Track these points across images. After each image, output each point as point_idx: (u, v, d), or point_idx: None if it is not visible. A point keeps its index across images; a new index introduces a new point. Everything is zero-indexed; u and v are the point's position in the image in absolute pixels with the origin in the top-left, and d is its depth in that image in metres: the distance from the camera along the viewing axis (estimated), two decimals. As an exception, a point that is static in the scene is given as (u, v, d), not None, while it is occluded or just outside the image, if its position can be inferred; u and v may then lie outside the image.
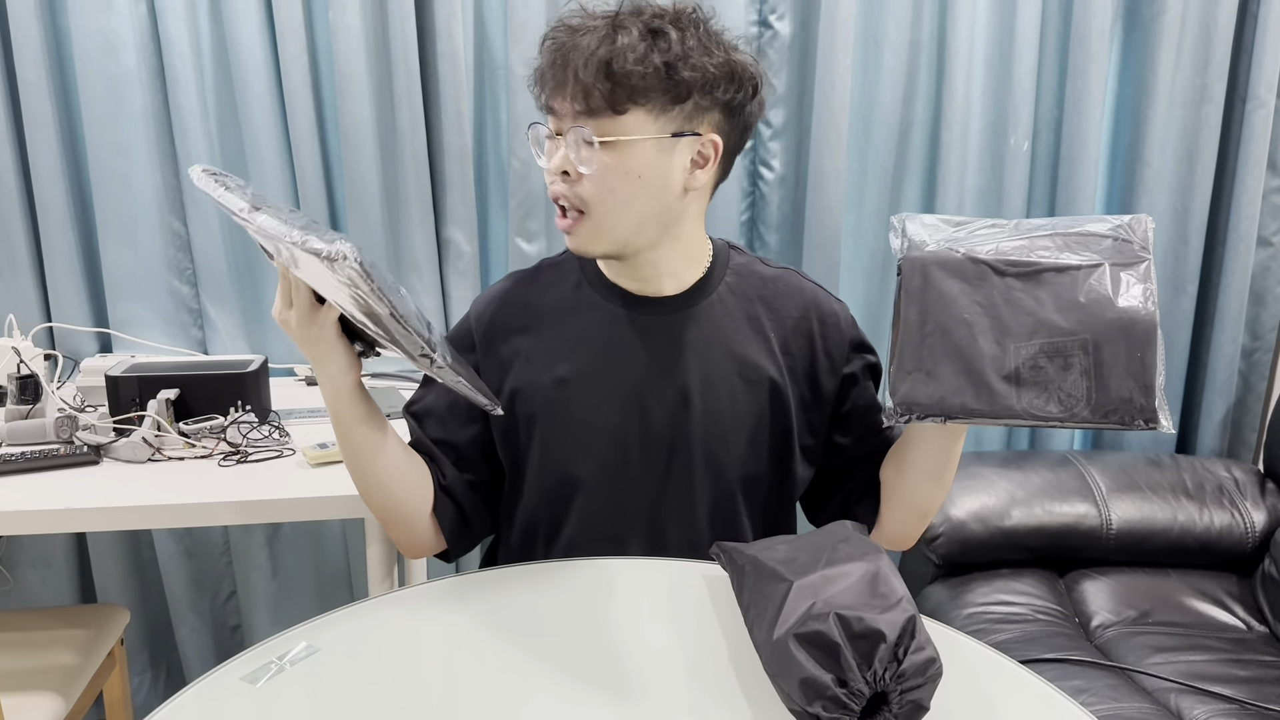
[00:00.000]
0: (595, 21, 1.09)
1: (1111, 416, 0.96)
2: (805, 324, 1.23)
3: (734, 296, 1.22)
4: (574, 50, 1.07)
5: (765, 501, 1.26)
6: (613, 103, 1.07)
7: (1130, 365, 0.96)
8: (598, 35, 1.07)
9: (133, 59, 1.87)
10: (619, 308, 1.20)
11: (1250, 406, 2.22)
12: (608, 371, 1.19)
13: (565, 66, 1.08)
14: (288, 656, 0.92)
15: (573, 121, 1.09)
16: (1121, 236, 1.02)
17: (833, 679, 0.76)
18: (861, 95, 2.04)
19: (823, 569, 0.87)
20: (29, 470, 1.46)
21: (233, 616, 2.19)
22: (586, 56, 1.06)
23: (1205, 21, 2.00)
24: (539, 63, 1.12)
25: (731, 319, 1.21)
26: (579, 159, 1.09)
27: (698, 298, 1.21)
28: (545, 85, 1.11)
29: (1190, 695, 1.56)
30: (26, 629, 1.63)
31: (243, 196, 0.97)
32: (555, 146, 1.12)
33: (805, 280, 1.27)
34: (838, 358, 1.24)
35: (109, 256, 1.95)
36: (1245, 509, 1.97)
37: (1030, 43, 2.00)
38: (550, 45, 1.10)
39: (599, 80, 1.06)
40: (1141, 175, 2.08)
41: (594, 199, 1.11)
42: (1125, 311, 0.96)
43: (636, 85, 1.06)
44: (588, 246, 1.15)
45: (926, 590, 1.94)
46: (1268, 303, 2.18)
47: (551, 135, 1.13)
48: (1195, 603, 1.87)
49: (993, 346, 0.98)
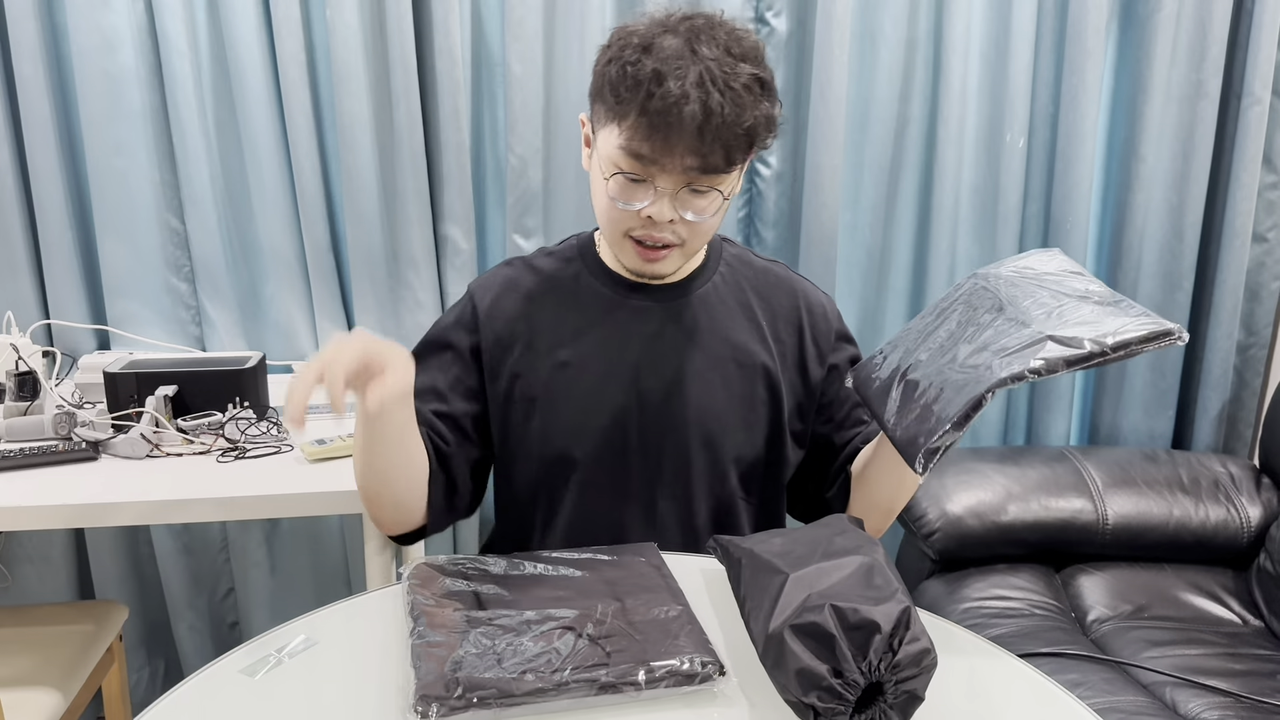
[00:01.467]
0: (688, 67, 1.04)
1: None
2: (795, 314, 1.27)
3: (728, 285, 1.26)
4: (692, 114, 1.03)
5: (759, 484, 1.28)
6: (735, 162, 1.10)
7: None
8: (711, 93, 1.04)
9: (130, 56, 1.87)
10: (618, 294, 1.23)
11: (1246, 402, 2.23)
12: (607, 355, 1.21)
13: (683, 127, 1.04)
14: (286, 649, 0.92)
15: (684, 176, 1.09)
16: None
17: (828, 670, 0.77)
18: (858, 92, 2.05)
19: (818, 561, 0.87)
20: (27, 466, 1.46)
21: (231, 613, 2.19)
22: (720, 123, 1.04)
23: (1201, 18, 2.01)
24: (632, 108, 1.06)
25: (726, 306, 1.25)
26: (694, 212, 1.12)
27: (694, 286, 1.25)
28: (648, 140, 1.06)
29: (1186, 689, 1.56)
30: (25, 625, 1.63)
31: None
32: (643, 191, 1.11)
33: (793, 273, 1.32)
34: (824, 347, 1.28)
35: (107, 254, 1.95)
36: (1241, 504, 1.98)
37: (1026, 39, 2.00)
38: (652, 98, 1.05)
39: (728, 145, 1.07)
40: (1137, 171, 2.09)
41: (694, 237, 1.15)
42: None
43: (761, 143, 1.11)
44: (668, 270, 1.19)
45: (923, 585, 1.94)
46: (1263, 298, 2.18)
47: (640, 180, 1.10)
48: (1191, 597, 1.87)
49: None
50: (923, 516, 1.93)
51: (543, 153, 1.98)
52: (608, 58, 1.12)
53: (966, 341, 1.00)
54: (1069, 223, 2.08)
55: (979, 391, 0.91)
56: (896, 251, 2.13)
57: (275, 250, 1.98)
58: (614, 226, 1.16)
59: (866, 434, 1.28)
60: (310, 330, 2.04)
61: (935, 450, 0.93)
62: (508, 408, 1.23)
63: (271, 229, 1.97)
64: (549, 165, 2.00)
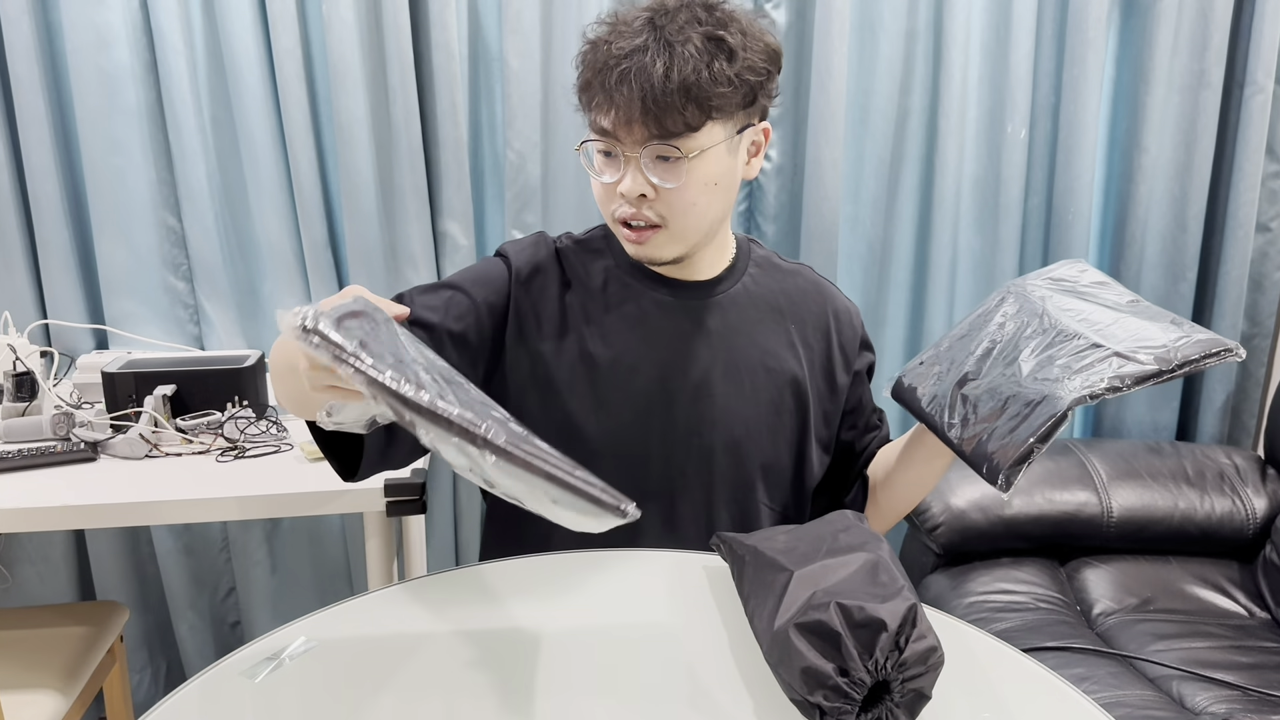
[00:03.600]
0: (639, 34, 1.05)
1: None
2: (823, 319, 1.25)
3: (757, 287, 1.24)
4: (638, 73, 1.03)
5: (785, 492, 1.26)
6: (691, 123, 1.05)
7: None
8: (656, 53, 1.03)
9: (125, 53, 1.86)
10: (648, 289, 1.20)
11: (1250, 393, 2.22)
12: (634, 351, 1.18)
13: (630, 91, 1.03)
14: (287, 651, 0.91)
15: (640, 144, 1.07)
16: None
17: (834, 668, 0.76)
18: (858, 84, 2.04)
19: (823, 558, 0.86)
20: (26, 468, 1.46)
21: (232, 613, 2.18)
22: (657, 80, 1.03)
23: (1203, 7, 2.00)
24: (587, 82, 1.08)
25: (756, 309, 1.23)
26: (660, 179, 1.08)
27: (724, 286, 1.22)
28: (603, 109, 1.07)
29: (1192, 682, 1.56)
30: (26, 626, 1.63)
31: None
32: (616, 165, 1.09)
33: (820, 277, 1.30)
34: (850, 354, 1.27)
35: (104, 253, 1.94)
36: (1246, 495, 1.97)
37: (1027, 29, 1.99)
38: (600, 66, 1.06)
39: (675, 103, 1.04)
40: (1139, 162, 2.08)
41: (673, 214, 1.10)
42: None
43: (715, 103, 1.06)
44: (658, 254, 1.14)
45: (927, 579, 1.94)
46: (1266, 288, 2.17)
47: (609, 154, 1.10)
48: (1196, 590, 1.86)
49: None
50: (926, 511, 1.92)
51: (541, 147, 1.97)
52: (585, 43, 1.13)
53: (1027, 357, 1.01)
54: (1071, 214, 2.07)
55: (1060, 409, 0.93)
56: (898, 244, 2.12)
57: (273, 248, 1.97)
58: (604, 210, 1.14)
59: (882, 437, 1.30)
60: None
61: (1020, 465, 0.95)
62: (524, 388, 1.19)
63: (269, 226, 1.96)
64: (547, 160, 1.99)
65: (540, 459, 0.71)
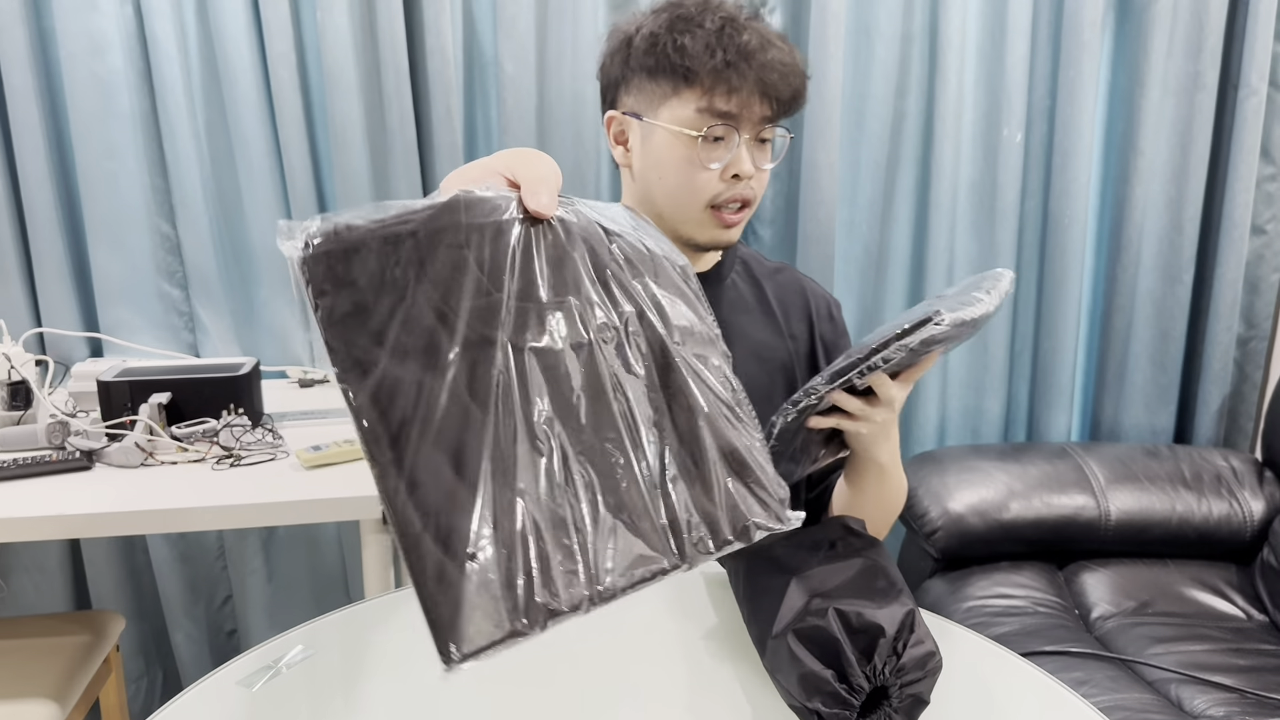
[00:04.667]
0: (740, 28, 1.11)
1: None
2: (806, 310, 1.29)
3: (745, 282, 1.28)
4: (770, 57, 1.09)
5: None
6: (799, 101, 1.14)
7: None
8: (770, 40, 1.11)
9: (119, 60, 1.85)
10: None
11: (1247, 395, 2.22)
12: None
13: (770, 76, 1.09)
14: (284, 660, 0.91)
15: (757, 125, 1.12)
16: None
17: (832, 674, 0.75)
18: (854, 88, 2.04)
19: (820, 564, 0.86)
20: (21, 477, 1.45)
21: (229, 621, 2.18)
22: (788, 62, 1.10)
23: (1197, 10, 2.00)
24: (711, 68, 1.09)
25: (745, 301, 1.26)
26: (762, 159, 1.15)
27: (715, 280, 1.25)
28: (725, 92, 1.10)
29: (1191, 685, 1.56)
30: (21, 636, 1.62)
31: None
32: (721, 150, 1.12)
33: (799, 274, 1.34)
34: (829, 343, 1.30)
35: (98, 260, 1.93)
36: (1243, 498, 1.97)
37: (1022, 32, 2.00)
38: (734, 46, 1.09)
39: (797, 92, 1.12)
40: (1135, 164, 2.08)
41: (759, 194, 1.17)
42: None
43: (805, 94, 1.15)
44: (737, 236, 1.19)
45: (925, 584, 1.93)
46: (1262, 290, 2.17)
47: (718, 139, 1.12)
48: (1195, 593, 1.86)
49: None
50: (924, 515, 1.92)
51: (537, 153, 1.96)
52: (644, 41, 1.13)
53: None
54: (1067, 217, 2.07)
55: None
56: (894, 248, 2.12)
57: (268, 254, 1.97)
58: (696, 199, 1.14)
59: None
60: (304, 335, 2.02)
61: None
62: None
63: (264, 233, 1.95)
64: (543, 165, 1.98)
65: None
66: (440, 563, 0.59)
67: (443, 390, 0.62)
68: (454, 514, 0.60)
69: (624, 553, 0.64)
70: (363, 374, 0.61)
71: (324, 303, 0.61)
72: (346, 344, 0.61)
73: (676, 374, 0.70)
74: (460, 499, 0.60)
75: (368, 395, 0.60)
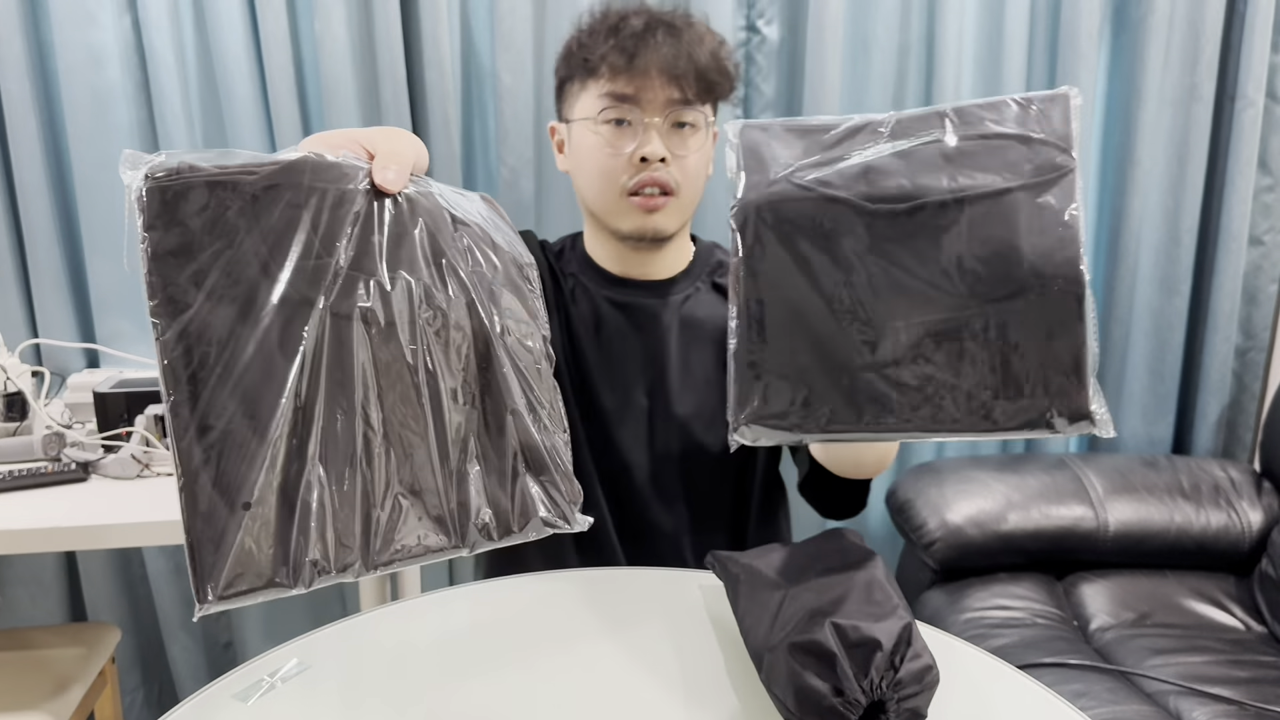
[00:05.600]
0: (648, 16, 1.14)
1: (1024, 418, 0.74)
2: None
3: (715, 290, 1.28)
4: (665, 39, 1.11)
5: (758, 474, 1.28)
6: (712, 94, 1.15)
7: (1050, 345, 0.72)
8: (677, 27, 1.13)
9: (117, 72, 1.85)
10: (602, 288, 1.24)
11: (1245, 406, 2.22)
12: (591, 349, 1.22)
13: (660, 54, 1.11)
14: (279, 674, 0.91)
15: (663, 109, 1.13)
16: (1035, 135, 0.77)
17: (829, 688, 0.75)
18: (851, 99, 2.04)
19: (817, 577, 0.86)
20: (16, 489, 1.45)
21: (224, 633, 2.17)
22: (687, 45, 1.12)
23: (1193, 21, 2.00)
24: (601, 55, 1.13)
25: (709, 309, 1.26)
26: (680, 146, 1.15)
27: (680, 286, 1.26)
28: (623, 75, 1.12)
29: (1190, 697, 1.55)
30: (16, 648, 1.62)
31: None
32: (630, 135, 1.14)
33: None
34: None
35: (95, 271, 1.93)
36: (1242, 509, 1.97)
37: (1019, 44, 2.00)
38: (624, 36, 1.12)
39: (705, 68, 1.13)
40: (1132, 176, 2.08)
41: (685, 182, 1.17)
42: (1040, 263, 0.73)
43: (726, 78, 1.16)
44: (667, 226, 1.19)
45: (924, 596, 1.93)
46: (1260, 302, 2.17)
47: (623, 123, 1.15)
48: (1193, 604, 1.86)
49: (861, 331, 0.75)
50: (923, 526, 1.92)
51: (534, 163, 1.97)
52: (565, 43, 1.20)
53: None
54: (1064, 228, 2.07)
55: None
56: (892, 259, 2.12)
57: (266, 266, 1.96)
58: (610, 185, 1.16)
59: None
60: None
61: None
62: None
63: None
64: (541, 176, 1.99)
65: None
66: (213, 505, 0.60)
67: (250, 341, 0.63)
68: (239, 462, 0.61)
69: (407, 529, 0.66)
70: (175, 312, 0.64)
71: (152, 236, 0.64)
72: (165, 281, 0.64)
73: (495, 366, 0.72)
74: (248, 449, 0.62)
75: (175, 333, 0.64)
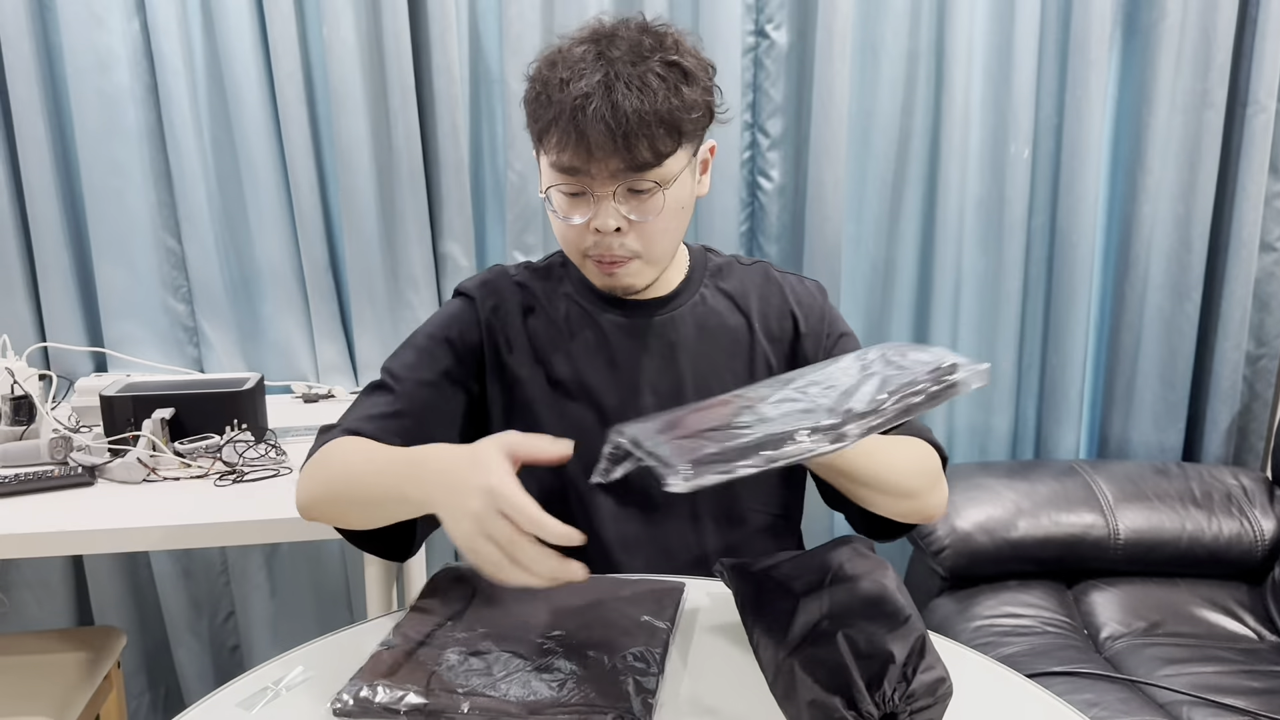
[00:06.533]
0: (594, 70, 1.02)
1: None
2: (786, 307, 1.25)
3: (718, 293, 1.24)
4: (608, 108, 1.00)
5: (768, 492, 1.25)
6: (665, 151, 1.04)
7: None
8: (621, 87, 1.01)
9: (126, 76, 1.86)
10: (603, 311, 1.21)
11: (1257, 413, 2.20)
12: (598, 375, 1.19)
13: (601, 127, 1.00)
14: (284, 682, 0.90)
15: (613, 180, 1.05)
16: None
17: (841, 701, 0.74)
18: (860, 105, 2.03)
19: (829, 587, 0.85)
20: (23, 492, 1.44)
21: (231, 637, 2.17)
22: (630, 113, 1.00)
23: (1205, 27, 1.99)
24: (547, 124, 1.04)
25: (718, 315, 1.23)
26: (634, 212, 1.07)
27: (681, 299, 1.22)
28: (569, 148, 1.03)
29: (1202, 707, 1.54)
30: (23, 652, 1.61)
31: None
32: (584, 205, 1.08)
33: (777, 270, 1.29)
34: (819, 334, 1.25)
35: (103, 275, 1.93)
36: (1254, 517, 1.95)
37: (1029, 50, 1.99)
38: (562, 106, 1.02)
39: (650, 133, 1.02)
40: (1143, 182, 2.07)
41: (648, 244, 1.10)
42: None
43: (686, 129, 1.05)
44: (634, 282, 1.14)
45: (933, 603, 1.92)
46: (1272, 308, 2.16)
47: (577, 194, 1.08)
48: (1205, 613, 1.84)
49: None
50: (932, 533, 1.91)
51: (543, 169, 1.96)
52: (528, 81, 1.10)
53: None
54: (1075, 235, 2.07)
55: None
56: (901, 265, 2.11)
57: (273, 270, 1.96)
58: (570, 248, 1.13)
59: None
60: (309, 350, 2.02)
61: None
62: (505, 417, 1.20)
63: (269, 249, 1.95)
64: (549, 181, 1.98)
65: None
66: None
67: None
68: None
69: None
70: None
71: None
72: None
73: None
74: None
75: None
